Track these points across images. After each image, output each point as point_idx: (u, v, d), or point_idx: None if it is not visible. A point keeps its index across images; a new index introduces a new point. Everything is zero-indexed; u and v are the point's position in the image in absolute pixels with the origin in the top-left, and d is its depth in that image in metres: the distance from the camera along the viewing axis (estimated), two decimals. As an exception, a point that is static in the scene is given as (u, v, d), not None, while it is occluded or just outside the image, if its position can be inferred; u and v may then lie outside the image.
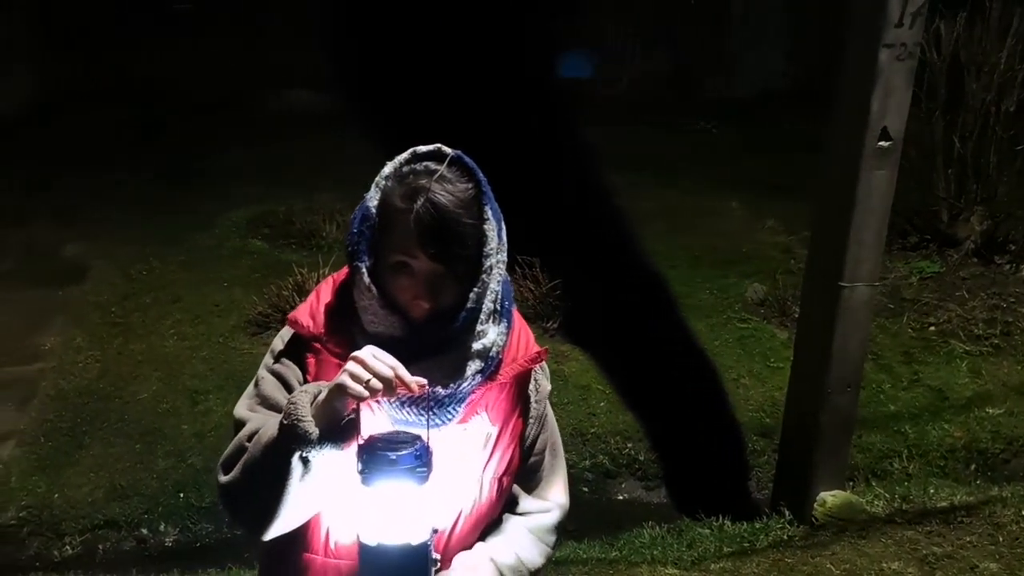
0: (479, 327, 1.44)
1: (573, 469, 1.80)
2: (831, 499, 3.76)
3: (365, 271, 1.41)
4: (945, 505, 3.85)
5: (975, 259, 6.05)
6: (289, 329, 1.50)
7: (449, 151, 1.41)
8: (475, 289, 1.41)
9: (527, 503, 1.61)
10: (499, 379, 1.48)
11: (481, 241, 1.41)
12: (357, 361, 1.27)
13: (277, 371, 1.48)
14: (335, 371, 1.31)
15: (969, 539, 3.59)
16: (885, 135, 3.35)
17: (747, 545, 3.67)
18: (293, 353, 1.48)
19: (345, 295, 1.46)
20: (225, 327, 5.37)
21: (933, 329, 5.38)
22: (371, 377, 1.26)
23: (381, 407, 1.40)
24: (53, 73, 9.59)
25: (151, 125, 8.86)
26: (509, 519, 1.59)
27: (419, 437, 1.29)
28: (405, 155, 1.42)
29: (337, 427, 1.29)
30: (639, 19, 10.89)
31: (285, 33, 10.01)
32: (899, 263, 6.02)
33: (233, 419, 1.46)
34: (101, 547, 4.03)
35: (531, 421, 1.57)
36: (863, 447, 4.45)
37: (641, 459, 4.58)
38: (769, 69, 10.52)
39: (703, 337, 5.35)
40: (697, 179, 7.79)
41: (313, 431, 1.28)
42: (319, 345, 1.45)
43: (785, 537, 3.71)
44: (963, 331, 5.31)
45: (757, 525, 3.83)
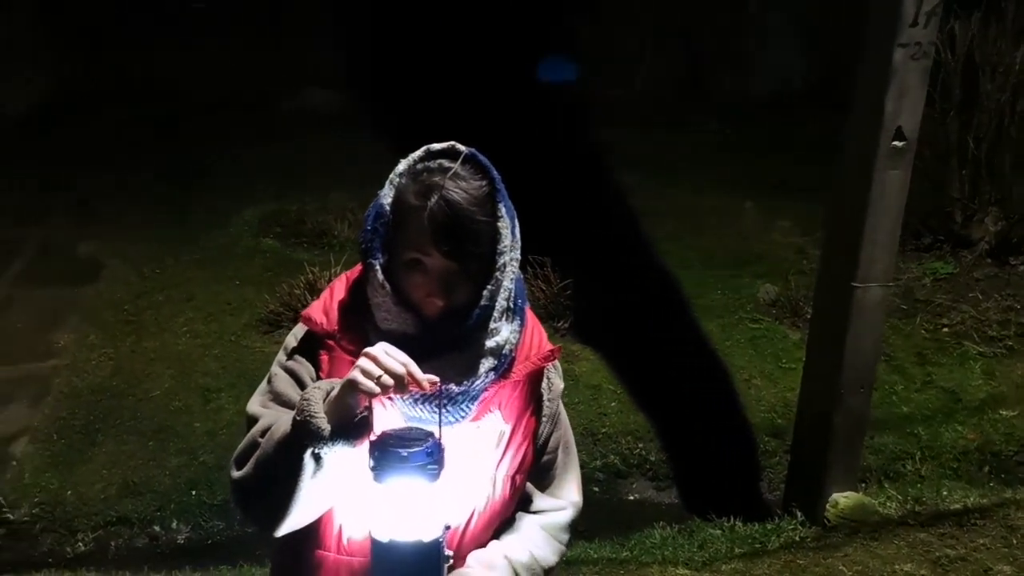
0: (492, 325, 1.44)
1: (584, 469, 1.79)
2: (843, 500, 3.74)
3: (379, 268, 1.41)
4: (958, 507, 3.83)
5: (989, 260, 6.01)
6: (303, 326, 1.50)
7: (463, 148, 1.41)
8: (488, 287, 1.41)
9: (541, 501, 1.61)
10: (512, 377, 1.48)
11: (495, 238, 1.41)
12: (369, 357, 1.27)
13: (290, 368, 1.48)
14: (348, 368, 1.31)
15: (982, 541, 3.57)
16: (899, 135, 3.33)
17: (758, 546, 3.66)
18: (306, 350, 1.48)
19: (359, 292, 1.46)
20: (237, 325, 5.38)
21: (946, 330, 5.34)
22: (383, 373, 1.26)
23: (394, 404, 1.40)
24: (67, 72, 9.63)
25: (164, 124, 8.87)
26: (523, 517, 1.59)
27: (431, 434, 1.29)
28: (419, 152, 1.43)
29: (349, 423, 1.29)
30: (654, 19, 10.84)
31: (299, 32, 10.02)
32: (912, 264, 5.98)
33: (246, 415, 1.46)
34: (113, 544, 4.05)
35: (544, 419, 1.56)
36: (876, 448, 4.42)
37: (652, 459, 4.57)
38: (785, 69, 10.47)
39: (715, 337, 5.33)
40: (710, 179, 7.75)
41: (325, 427, 1.28)
42: (332, 342, 1.45)
43: (797, 538, 3.69)
44: (977, 332, 5.27)
45: (769, 526, 3.81)
